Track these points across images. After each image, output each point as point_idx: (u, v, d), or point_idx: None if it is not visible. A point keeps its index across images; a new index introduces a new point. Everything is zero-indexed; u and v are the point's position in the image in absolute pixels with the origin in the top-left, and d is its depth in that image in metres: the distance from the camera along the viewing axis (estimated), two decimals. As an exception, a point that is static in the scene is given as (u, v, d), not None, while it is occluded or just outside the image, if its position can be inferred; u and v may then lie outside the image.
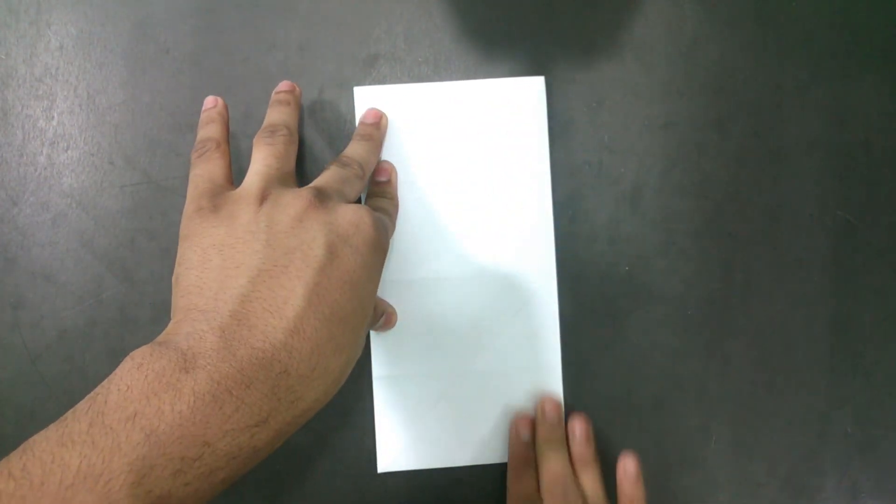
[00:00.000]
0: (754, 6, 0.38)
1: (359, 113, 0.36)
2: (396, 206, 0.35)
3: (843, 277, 0.38)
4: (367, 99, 0.36)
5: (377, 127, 0.35)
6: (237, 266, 0.24)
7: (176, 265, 0.25)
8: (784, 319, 0.38)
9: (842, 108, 0.38)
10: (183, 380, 0.20)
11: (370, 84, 0.37)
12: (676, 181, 0.38)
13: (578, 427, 0.35)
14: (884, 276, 0.38)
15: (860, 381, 0.38)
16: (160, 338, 0.22)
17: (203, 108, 0.33)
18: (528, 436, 0.35)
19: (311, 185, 0.28)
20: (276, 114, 0.32)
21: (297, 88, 0.34)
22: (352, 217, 0.26)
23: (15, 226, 0.35)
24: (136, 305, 0.36)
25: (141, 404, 0.19)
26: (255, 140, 0.30)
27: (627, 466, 0.35)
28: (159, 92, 0.36)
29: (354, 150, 0.33)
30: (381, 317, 0.34)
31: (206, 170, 0.29)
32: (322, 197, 0.27)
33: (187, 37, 0.36)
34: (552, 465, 0.33)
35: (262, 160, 0.29)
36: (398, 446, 0.36)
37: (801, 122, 0.38)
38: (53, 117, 0.36)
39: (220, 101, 0.33)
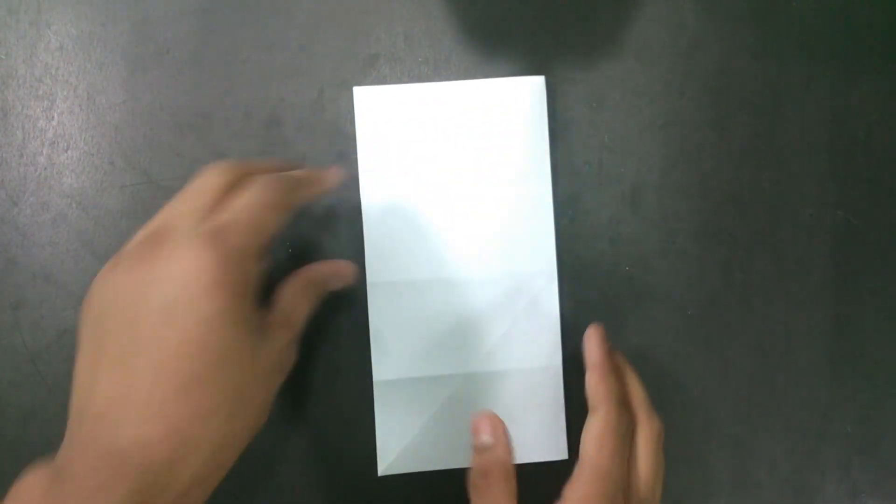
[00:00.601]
0: (754, 6, 0.38)
1: (359, 113, 0.36)
2: (317, 181, 0.31)
3: (843, 277, 0.38)
4: (367, 99, 0.36)
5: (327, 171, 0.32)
6: (90, 356, 0.23)
7: None
8: (784, 319, 0.38)
9: (842, 108, 0.38)
10: (53, 491, 0.21)
11: (370, 84, 0.37)
12: (676, 181, 0.38)
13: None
14: (884, 276, 0.38)
15: (860, 381, 0.38)
16: (52, 456, 0.23)
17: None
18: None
19: (153, 226, 0.26)
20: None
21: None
22: (182, 270, 0.23)
23: (15, 226, 0.35)
24: (136, 305, 0.36)
25: None
26: None
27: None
28: (159, 92, 0.36)
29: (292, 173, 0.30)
30: (330, 280, 0.32)
31: None
32: (154, 251, 0.24)
33: (187, 37, 0.36)
34: (637, 391, 0.33)
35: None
36: (399, 449, 0.35)
37: (801, 122, 0.38)
38: (53, 117, 0.36)
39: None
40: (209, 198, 0.26)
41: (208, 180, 0.27)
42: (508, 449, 0.30)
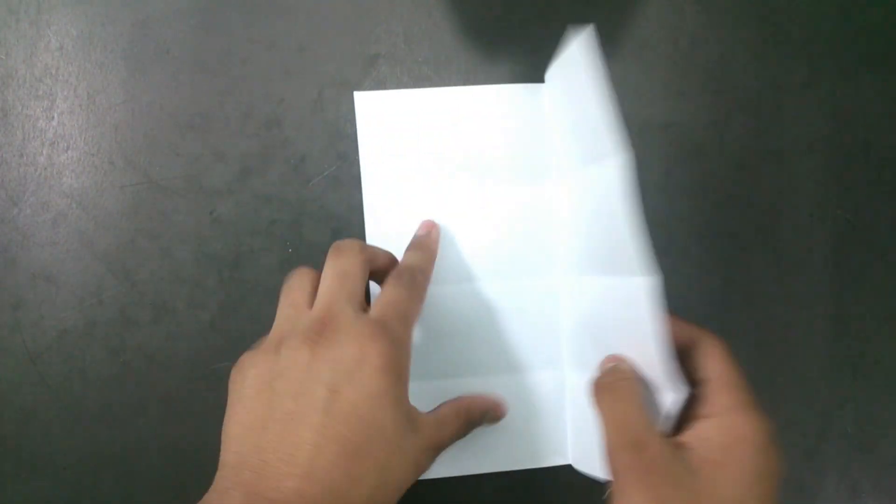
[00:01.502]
0: (754, 6, 0.38)
1: (360, 118, 0.36)
2: (429, 261, 0.34)
3: (843, 277, 0.38)
4: (368, 104, 0.36)
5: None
6: (256, 418, 0.26)
7: None
8: (784, 319, 0.38)
9: (842, 108, 0.38)
10: None
11: (370, 85, 0.37)
12: (676, 181, 0.38)
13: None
14: (884, 276, 0.38)
15: (860, 381, 0.38)
16: (205, 497, 0.25)
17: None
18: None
19: (317, 304, 0.29)
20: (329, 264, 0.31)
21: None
22: (354, 352, 0.26)
23: (15, 226, 0.35)
24: (136, 305, 0.36)
25: None
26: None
27: None
28: (159, 92, 0.36)
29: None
30: (485, 415, 0.34)
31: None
32: (325, 334, 0.27)
33: (187, 37, 0.36)
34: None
35: (279, 310, 0.30)
36: None
37: (801, 122, 0.38)
38: (53, 117, 0.36)
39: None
40: (359, 282, 0.30)
41: (356, 261, 0.30)
42: (632, 367, 0.29)
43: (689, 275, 0.38)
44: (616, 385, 0.29)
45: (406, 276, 0.31)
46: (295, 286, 0.30)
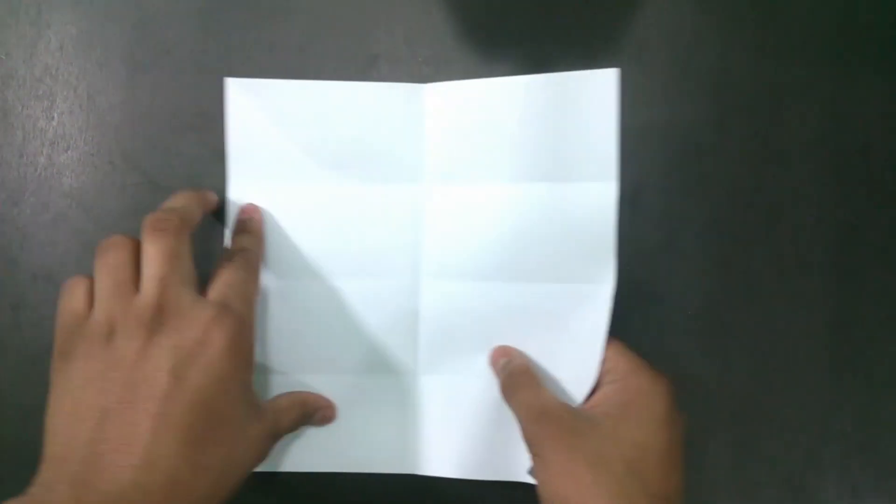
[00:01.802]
0: (754, 6, 0.38)
1: (230, 105, 0.35)
2: (258, 244, 0.34)
3: (843, 277, 0.38)
4: (240, 92, 0.35)
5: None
6: (87, 408, 0.24)
7: None
8: (784, 319, 0.38)
9: (842, 108, 0.38)
10: None
11: (371, 83, 0.36)
12: (676, 181, 0.38)
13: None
14: (884, 276, 0.38)
15: (860, 381, 0.38)
16: (24, 495, 0.23)
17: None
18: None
19: (149, 290, 0.27)
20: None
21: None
22: (196, 336, 0.25)
23: (15, 226, 0.35)
24: (136, 305, 0.36)
25: None
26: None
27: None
28: (159, 92, 0.36)
29: (173, 200, 0.32)
30: (316, 413, 0.33)
31: (64, 304, 0.28)
32: (161, 314, 0.26)
33: (187, 37, 0.36)
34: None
35: (97, 282, 0.28)
36: (280, 447, 0.34)
37: (801, 122, 0.38)
38: (53, 117, 0.36)
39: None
40: (189, 261, 0.28)
41: (182, 238, 0.28)
42: (522, 358, 0.33)
43: (689, 275, 0.38)
44: (516, 380, 0.31)
45: (240, 258, 0.30)
46: (117, 262, 0.28)
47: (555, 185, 0.35)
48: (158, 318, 0.26)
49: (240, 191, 0.35)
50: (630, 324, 0.37)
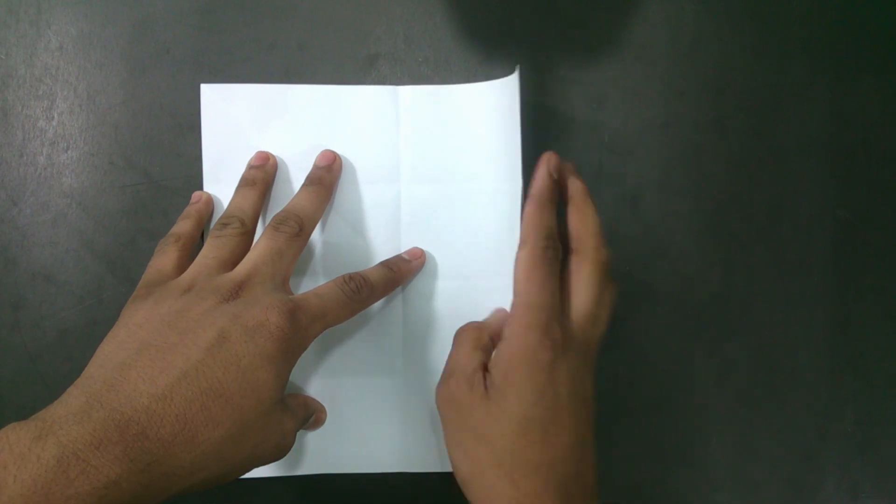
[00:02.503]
0: (754, 6, 0.38)
1: (205, 111, 0.35)
2: (392, 283, 0.34)
3: (843, 277, 0.38)
4: (214, 97, 0.35)
5: (329, 170, 0.35)
6: (134, 341, 0.26)
7: None
8: (784, 319, 0.38)
9: (842, 108, 0.38)
10: (32, 448, 0.21)
11: (371, 83, 0.37)
12: (676, 181, 0.38)
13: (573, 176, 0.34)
14: (884, 276, 0.38)
15: (860, 381, 0.38)
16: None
17: (190, 200, 0.35)
18: (557, 174, 0.32)
19: (241, 270, 0.29)
20: (237, 200, 0.33)
21: (272, 159, 0.35)
22: (258, 315, 0.27)
23: (15, 226, 0.35)
24: (136, 305, 0.36)
25: None
26: (210, 232, 0.32)
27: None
28: (159, 92, 0.36)
29: (297, 200, 0.33)
30: (311, 416, 0.34)
31: (157, 262, 0.31)
32: (239, 293, 0.28)
33: (187, 37, 0.36)
34: (592, 217, 0.32)
35: (203, 253, 0.31)
36: None
37: (801, 122, 0.38)
38: (53, 117, 0.36)
39: (203, 196, 0.35)
40: (290, 264, 0.31)
41: (296, 244, 0.31)
42: (495, 320, 0.33)
43: (689, 275, 0.38)
44: (459, 334, 0.32)
45: (353, 286, 0.31)
46: (227, 243, 0.31)
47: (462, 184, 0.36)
48: (234, 292, 0.28)
49: (215, 196, 0.35)
50: (630, 324, 0.37)
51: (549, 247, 0.31)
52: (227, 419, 0.25)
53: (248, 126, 0.35)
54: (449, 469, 0.35)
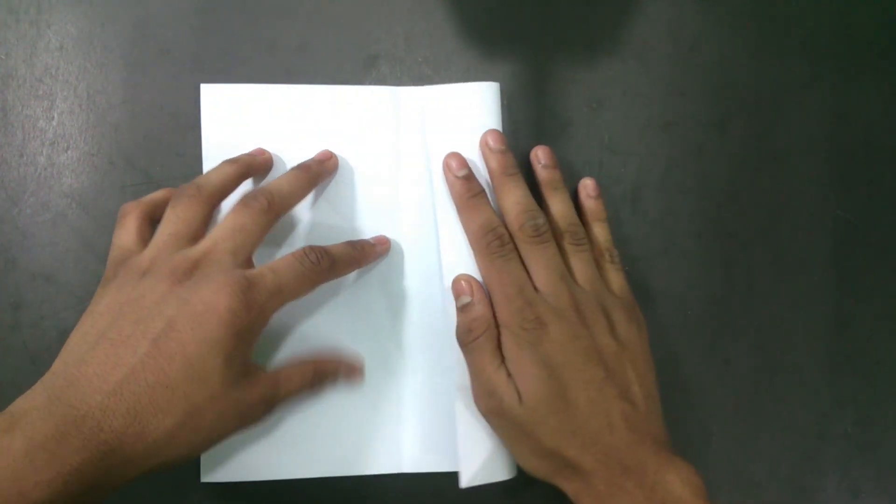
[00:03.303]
0: (754, 6, 0.38)
1: (205, 111, 0.35)
2: (353, 262, 0.33)
3: (843, 277, 0.38)
4: (214, 97, 0.35)
5: (320, 163, 0.34)
6: (94, 334, 0.27)
7: None
8: (784, 319, 0.38)
9: (842, 108, 0.38)
10: (1, 440, 0.23)
11: (371, 84, 0.37)
12: (676, 181, 0.38)
13: (542, 152, 0.35)
14: (884, 276, 0.38)
15: (860, 381, 0.38)
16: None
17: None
18: (465, 169, 0.34)
19: (200, 247, 0.29)
20: (207, 172, 0.33)
21: (267, 155, 0.35)
22: (205, 295, 0.27)
23: (15, 226, 0.35)
24: (136, 305, 0.36)
25: None
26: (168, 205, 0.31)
27: (587, 185, 0.36)
28: (159, 92, 0.36)
29: (277, 180, 0.32)
30: (337, 378, 0.33)
31: (119, 236, 0.32)
32: (191, 272, 0.28)
33: (187, 37, 0.36)
34: (513, 197, 0.33)
35: (160, 229, 0.30)
36: (225, 455, 0.34)
37: (801, 122, 0.38)
38: (53, 117, 0.36)
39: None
40: (253, 240, 0.30)
41: (259, 220, 0.30)
42: (486, 303, 0.32)
43: (689, 275, 0.38)
44: (476, 346, 0.32)
45: (312, 257, 0.30)
46: (184, 215, 0.30)
47: None
48: (189, 272, 0.28)
49: None
50: (630, 324, 0.37)
51: (491, 240, 0.32)
52: (176, 408, 0.26)
53: (248, 126, 0.35)
54: (447, 469, 0.35)
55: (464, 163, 0.34)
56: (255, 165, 0.34)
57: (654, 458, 0.29)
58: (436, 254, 0.35)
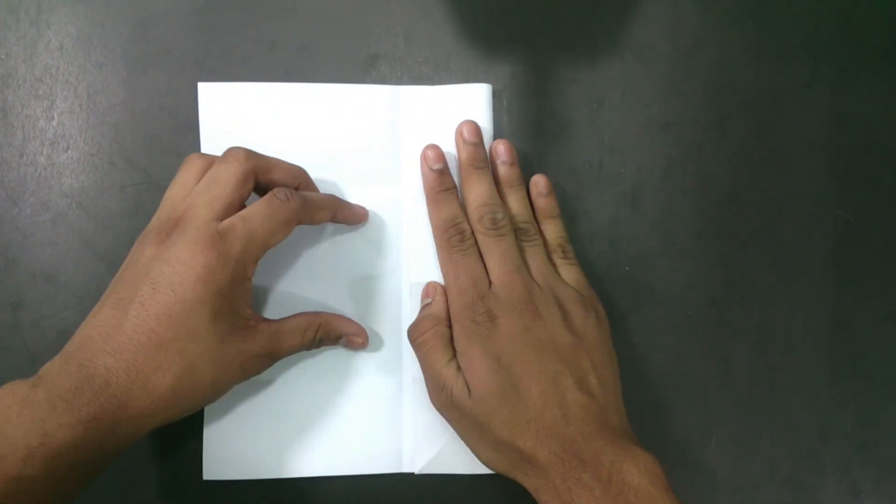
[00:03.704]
0: (754, 6, 0.38)
1: (203, 110, 0.35)
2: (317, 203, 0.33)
3: (843, 277, 0.38)
4: (213, 96, 0.35)
5: (350, 209, 0.35)
6: (106, 297, 0.29)
7: None
8: (784, 319, 0.38)
9: (842, 108, 0.38)
10: (30, 394, 0.26)
11: (371, 83, 0.37)
12: (676, 181, 0.38)
13: (503, 148, 0.35)
14: (884, 276, 0.38)
15: (860, 381, 0.38)
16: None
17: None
18: (440, 162, 0.35)
19: (183, 203, 0.30)
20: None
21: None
22: (184, 257, 0.28)
23: (15, 226, 0.35)
24: (136, 305, 0.36)
25: (1, 416, 0.26)
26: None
27: (538, 183, 0.36)
28: (159, 92, 0.36)
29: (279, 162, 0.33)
30: (340, 338, 0.34)
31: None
32: (168, 233, 0.29)
33: (187, 37, 0.36)
34: (478, 191, 0.34)
35: (170, 191, 0.32)
36: (228, 453, 0.34)
37: (801, 122, 0.38)
38: (53, 117, 0.36)
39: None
40: (228, 190, 0.30)
41: (231, 169, 0.30)
42: (442, 302, 0.34)
43: (689, 275, 0.38)
44: (423, 341, 0.33)
45: (280, 195, 0.31)
46: (185, 178, 0.31)
47: None
48: (169, 232, 0.29)
49: None
50: (630, 324, 0.37)
51: (452, 234, 0.34)
52: (173, 365, 0.28)
53: (246, 125, 0.35)
54: (449, 471, 0.35)
55: (440, 156, 0.35)
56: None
57: (610, 447, 0.29)
58: (433, 254, 0.35)
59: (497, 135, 0.37)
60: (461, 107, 0.36)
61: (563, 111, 0.37)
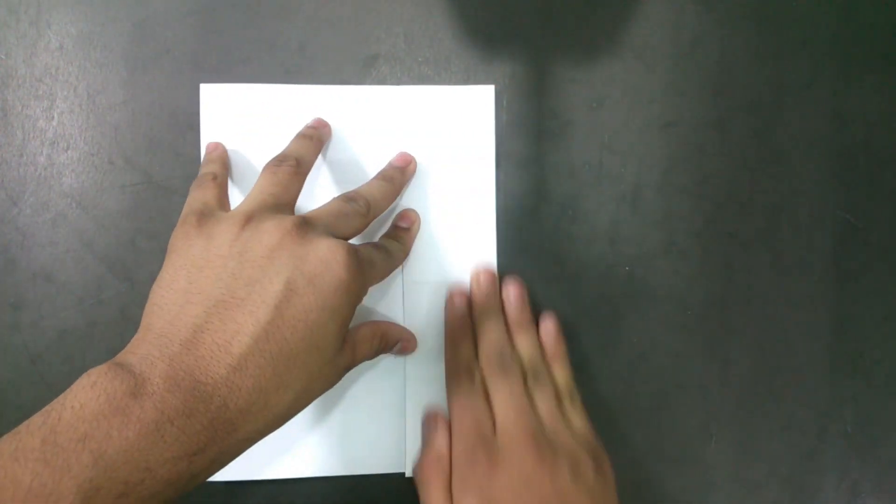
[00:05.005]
0: (754, 6, 0.38)
1: (204, 111, 0.35)
2: (404, 254, 0.34)
3: (843, 277, 0.38)
4: (214, 97, 0.35)
5: (402, 171, 0.35)
6: (199, 292, 0.25)
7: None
8: (784, 319, 0.38)
9: (842, 108, 0.38)
10: (131, 405, 0.21)
11: (371, 84, 0.37)
12: (676, 181, 0.38)
13: (512, 291, 0.35)
14: (884, 276, 0.38)
15: (860, 381, 0.38)
16: (118, 357, 0.23)
17: (205, 151, 0.35)
18: (463, 306, 0.35)
19: (302, 214, 0.28)
20: (293, 145, 0.33)
21: (327, 126, 0.35)
22: (324, 254, 0.26)
23: (15, 226, 0.35)
24: (137, 306, 0.36)
25: (91, 426, 0.20)
26: (263, 167, 0.31)
27: (547, 325, 0.36)
28: (159, 92, 0.36)
29: (368, 188, 0.33)
30: (396, 344, 0.34)
31: (200, 194, 0.30)
32: (303, 228, 0.26)
33: (187, 37, 0.36)
34: (488, 333, 0.34)
35: (259, 186, 0.29)
36: None
37: (801, 122, 0.38)
38: (53, 117, 0.36)
39: (220, 145, 0.35)
40: (348, 232, 0.29)
41: (353, 213, 0.30)
42: (445, 440, 0.32)
43: (689, 275, 0.38)
44: (421, 479, 0.31)
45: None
46: (281, 179, 0.29)
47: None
48: (301, 227, 0.26)
49: None
50: (631, 324, 0.37)
51: (462, 374, 0.33)
52: (296, 381, 0.25)
53: (247, 126, 0.35)
54: None
55: (465, 300, 0.35)
56: (324, 140, 0.35)
57: None
58: (441, 250, 0.36)
59: (497, 134, 0.37)
60: (465, 108, 0.36)
61: (562, 111, 0.37)
